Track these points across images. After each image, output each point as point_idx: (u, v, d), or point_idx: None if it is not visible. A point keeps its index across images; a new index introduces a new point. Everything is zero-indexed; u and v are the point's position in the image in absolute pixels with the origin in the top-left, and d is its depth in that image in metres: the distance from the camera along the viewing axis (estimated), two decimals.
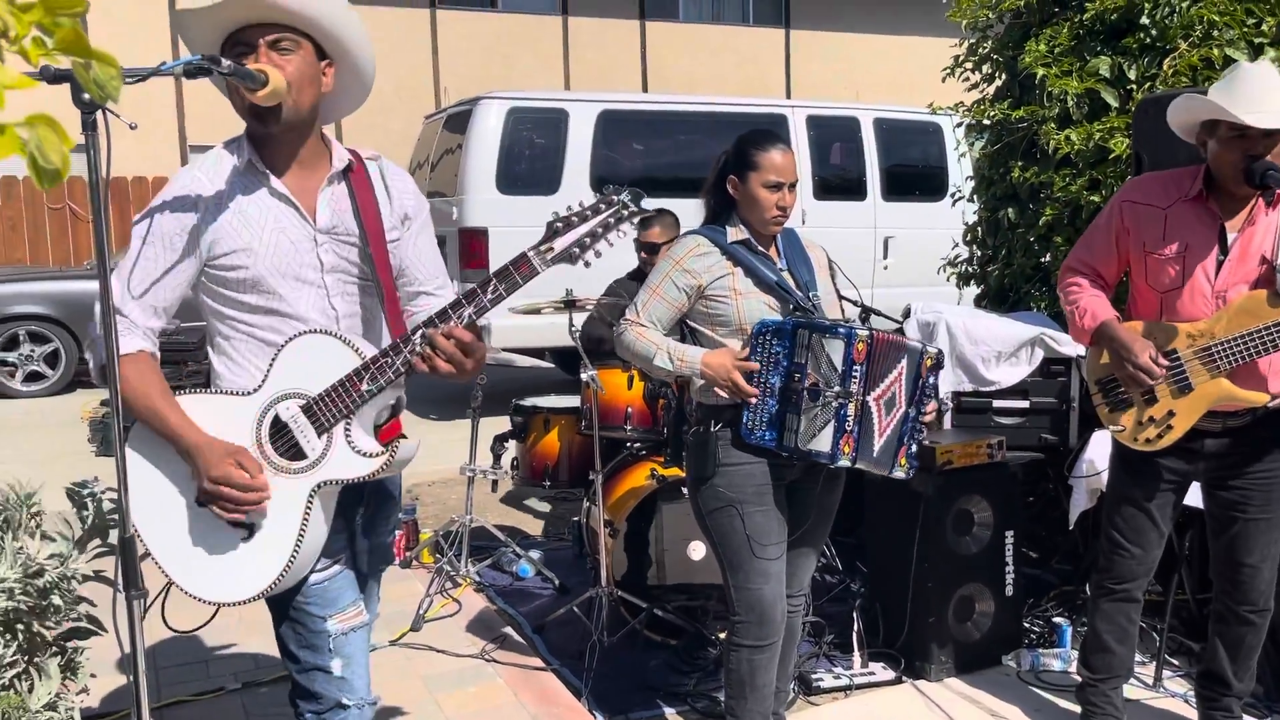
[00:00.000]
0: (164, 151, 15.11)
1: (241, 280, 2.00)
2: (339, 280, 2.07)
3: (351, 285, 2.09)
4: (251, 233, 1.99)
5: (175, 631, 2.24)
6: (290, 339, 1.98)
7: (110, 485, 1.96)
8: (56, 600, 2.17)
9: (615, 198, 1.92)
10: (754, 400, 2.55)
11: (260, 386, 1.98)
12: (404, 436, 2.12)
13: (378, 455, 1.97)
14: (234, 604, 2.00)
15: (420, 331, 1.91)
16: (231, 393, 2.00)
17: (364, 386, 1.92)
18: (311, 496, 1.96)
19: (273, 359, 1.98)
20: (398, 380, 1.94)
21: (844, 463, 2.55)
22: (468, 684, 3.53)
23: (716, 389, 2.60)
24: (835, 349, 2.51)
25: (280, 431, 1.97)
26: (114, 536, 2.27)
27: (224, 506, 1.93)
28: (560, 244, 1.90)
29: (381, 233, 2.09)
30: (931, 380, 2.64)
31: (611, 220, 1.91)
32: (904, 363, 2.59)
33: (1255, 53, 3.95)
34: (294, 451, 1.97)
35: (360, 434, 1.97)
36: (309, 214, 2.03)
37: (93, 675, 2.54)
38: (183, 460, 1.97)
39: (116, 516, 1.82)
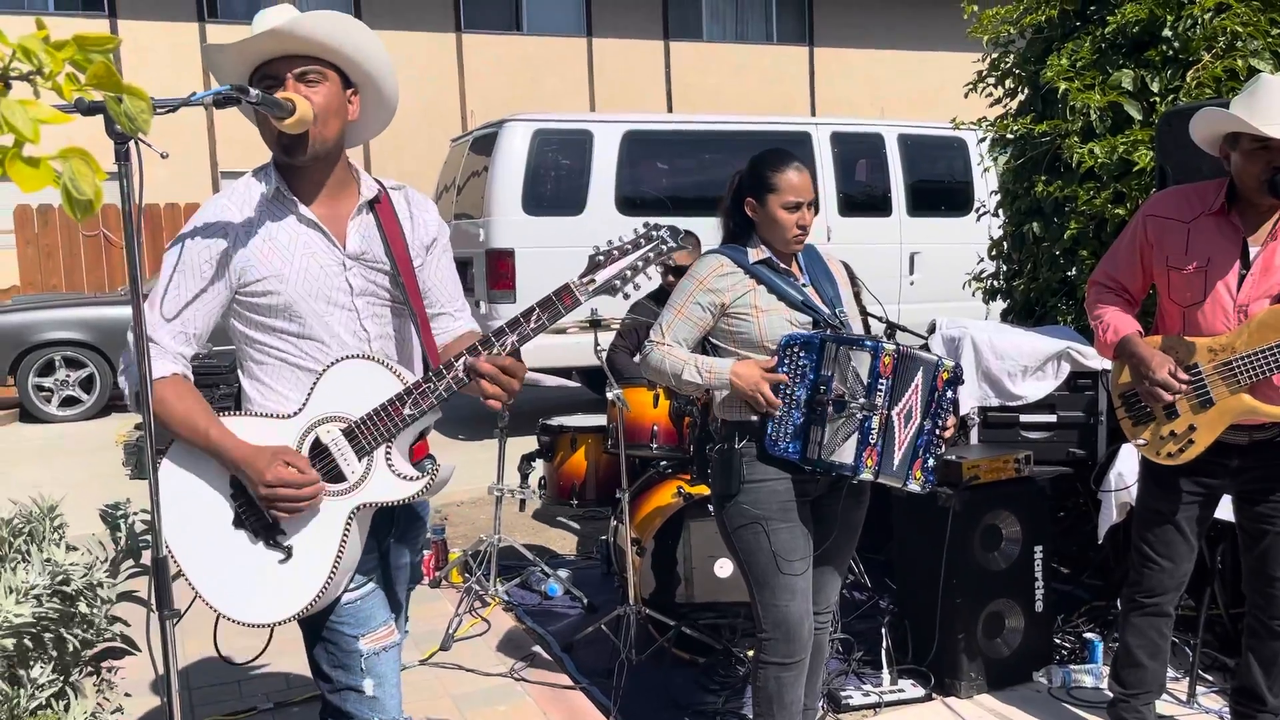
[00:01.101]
0: (196, 178, 15.35)
1: (272, 305, 2.03)
2: (369, 303, 2.11)
3: (382, 308, 2.13)
4: (282, 259, 2.03)
5: (231, 663, 2.28)
6: (333, 363, 2.01)
7: (144, 507, 2.00)
8: (84, 608, 2.21)
9: (655, 233, 1.99)
10: (777, 412, 2.56)
11: (301, 409, 2.01)
12: (432, 458, 2.14)
13: (418, 479, 2.00)
14: (269, 625, 2.02)
15: (464, 359, 1.95)
16: (271, 415, 2.03)
17: (406, 411, 1.96)
18: (350, 518, 1.99)
19: (314, 382, 2.01)
20: (438, 406, 1.98)
21: (866, 475, 2.56)
22: (497, 703, 3.55)
23: (742, 400, 2.61)
24: (862, 362, 2.53)
25: (320, 454, 2.00)
26: (147, 557, 2.31)
27: (284, 507, 1.95)
28: (602, 276, 1.97)
29: (410, 259, 2.14)
30: (949, 395, 2.63)
31: (651, 254, 1.98)
32: (919, 375, 2.59)
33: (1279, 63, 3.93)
34: (334, 474, 1.99)
35: (400, 458, 2.01)
36: (338, 240, 2.08)
37: (127, 695, 2.57)
38: (221, 479, 2.00)
39: (149, 537, 1.85)
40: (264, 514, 2.00)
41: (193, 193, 14.23)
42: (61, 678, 2.26)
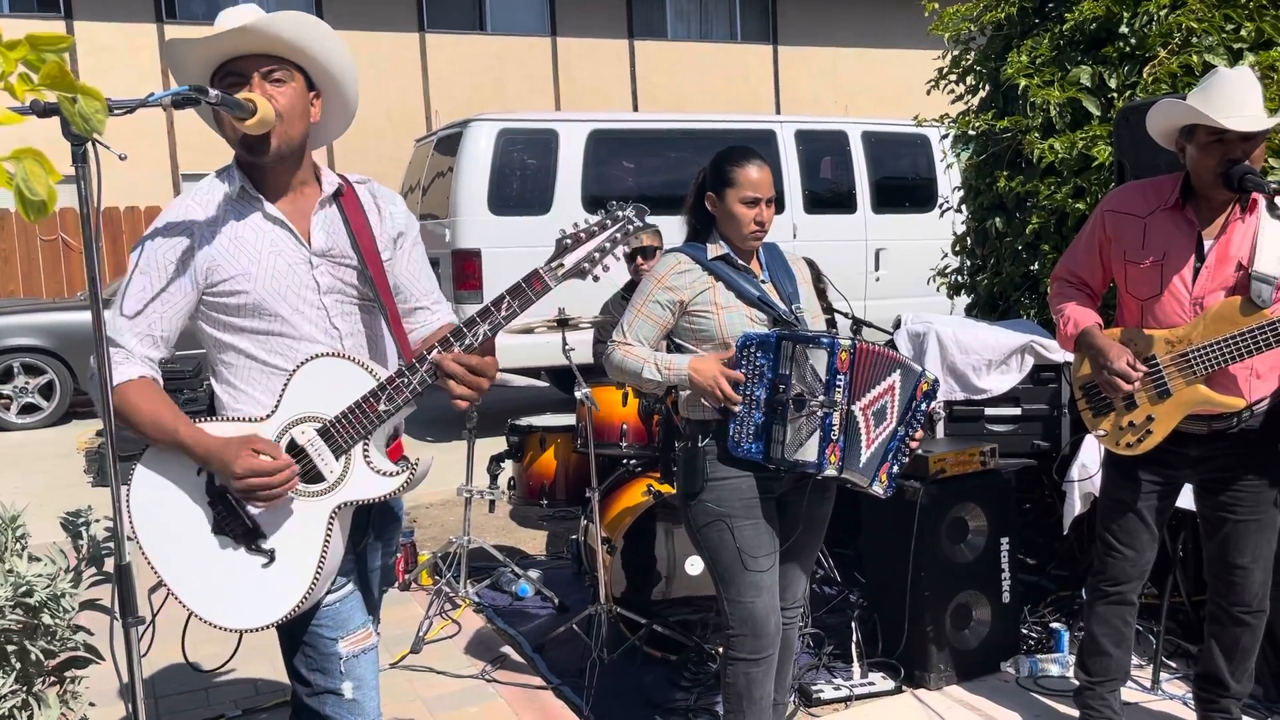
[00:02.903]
0: (156, 181, 15.15)
1: (241, 305, 2.01)
2: (337, 301, 2.09)
3: (351, 305, 2.12)
4: (249, 257, 2.01)
5: (198, 669, 2.26)
6: (303, 363, 1.98)
7: (106, 514, 1.98)
8: (48, 619, 2.19)
9: (620, 213, 1.99)
10: (738, 408, 2.57)
11: (274, 411, 1.98)
12: (406, 458, 2.13)
13: (399, 474, 1.99)
14: (257, 629, 1.99)
15: (434, 354, 1.94)
16: (245, 419, 2.00)
17: (381, 407, 1.94)
18: (332, 518, 1.97)
19: (285, 383, 1.98)
20: (413, 400, 1.96)
21: (831, 472, 2.56)
22: (469, 704, 3.53)
23: (703, 399, 2.62)
24: (819, 359, 2.53)
25: (297, 455, 1.97)
26: (110, 565, 2.28)
27: (260, 497, 1.92)
28: (571, 260, 1.96)
29: (377, 253, 2.12)
30: (924, 406, 2.65)
31: (618, 235, 1.98)
32: (897, 377, 2.61)
33: (1234, 58, 3.99)
34: (312, 474, 1.97)
35: (378, 454, 1.99)
36: (303, 237, 2.06)
37: (92, 704, 2.55)
38: (197, 486, 1.97)
39: (112, 545, 1.83)
40: (243, 519, 1.97)
41: (153, 196, 14.05)
42: (24, 688, 2.23)
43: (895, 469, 2.66)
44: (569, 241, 1.97)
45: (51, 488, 6.79)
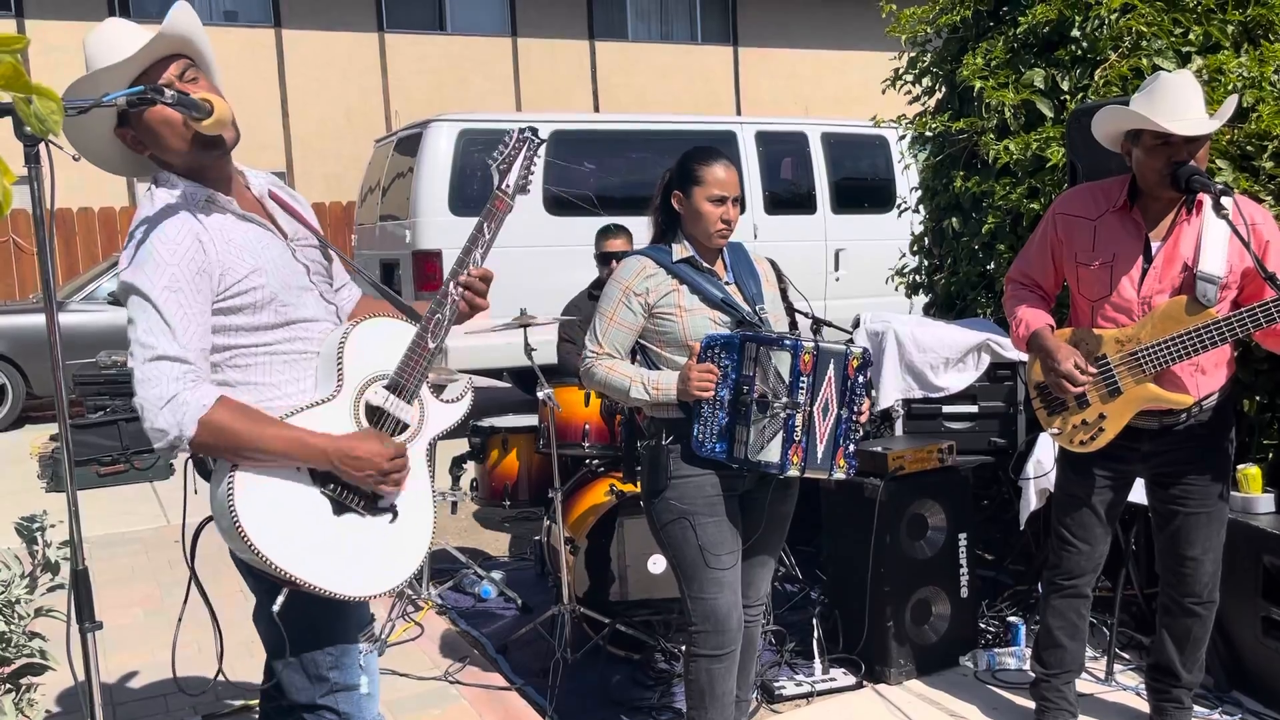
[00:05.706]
0: (110, 182, 14.90)
1: (255, 302, 1.99)
2: (320, 279, 2.15)
3: (328, 283, 2.19)
4: (252, 254, 2.00)
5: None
6: (345, 335, 2.04)
7: (60, 519, 1.95)
8: (2, 626, 2.16)
9: (524, 135, 2.19)
10: (709, 394, 2.58)
11: (339, 386, 2.02)
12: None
13: (463, 397, 2.17)
14: (407, 580, 2.08)
15: (453, 283, 2.09)
16: (315, 404, 2.00)
17: (431, 345, 2.06)
18: (428, 456, 2.11)
19: (339, 358, 2.02)
20: (449, 332, 2.11)
21: (793, 472, 2.58)
22: (432, 707, 3.52)
23: (683, 399, 2.63)
24: (783, 361, 2.55)
25: (378, 415, 2.04)
26: (65, 570, 2.25)
27: (396, 480, 2.01)
28: (512, 181, 2.15)
29: (319, 229, 2.19)
30: (861, 380, 2.66)
31: (531, 154, 2.18)
32: (831, 367, 2.62)
33: (1183, 61, 4.07)
34: (398, 427, 2.05)
35: (439, 387, 2.15)
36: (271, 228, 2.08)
37: (48, 712, 2.51)
38: (300, 479, 1.96)
39: (68, 551, 1.80)
40: (359, 490, 2.01)
41: (106, 197, 13.84)
42: None
43: (851, 447, 2.67)
44: (504, 165, 2.15)
45: (4, 494, 6.67)
